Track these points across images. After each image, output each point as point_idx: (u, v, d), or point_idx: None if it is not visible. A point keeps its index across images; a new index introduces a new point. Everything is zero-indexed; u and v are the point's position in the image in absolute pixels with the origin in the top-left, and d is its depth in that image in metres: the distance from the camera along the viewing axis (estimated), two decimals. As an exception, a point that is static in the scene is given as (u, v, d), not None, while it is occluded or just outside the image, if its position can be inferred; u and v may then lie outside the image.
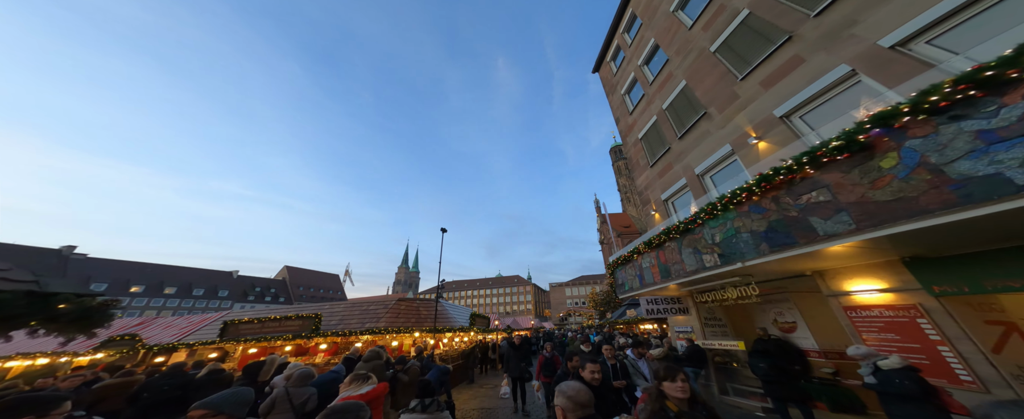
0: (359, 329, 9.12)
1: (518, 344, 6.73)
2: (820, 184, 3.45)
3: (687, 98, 7.72)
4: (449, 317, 11.53)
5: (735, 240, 4.61)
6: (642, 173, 9.90)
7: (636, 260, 7.69)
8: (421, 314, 10.50)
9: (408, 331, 9.43)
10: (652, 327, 16.24)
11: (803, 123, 4.88)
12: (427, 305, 11.09)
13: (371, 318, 9.71)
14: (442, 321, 10.78)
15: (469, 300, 78.63)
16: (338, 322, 9.72)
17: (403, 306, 10.55)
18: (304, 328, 9.13)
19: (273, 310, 10.50)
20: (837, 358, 5.26)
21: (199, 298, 50.15)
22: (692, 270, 5.63)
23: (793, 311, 6.06)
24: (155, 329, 10.92)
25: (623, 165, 50.99)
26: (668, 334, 13.28)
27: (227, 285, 55.29)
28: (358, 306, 10.50)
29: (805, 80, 4.79)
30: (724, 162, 6.38)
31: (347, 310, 10.31)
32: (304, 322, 9.26)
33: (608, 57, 13.51)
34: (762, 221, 4.12)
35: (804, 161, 3.50)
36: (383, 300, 10.90)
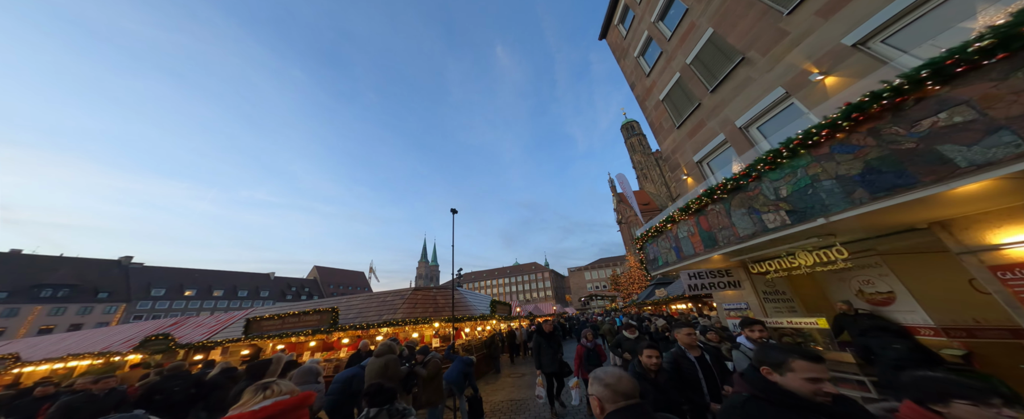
0: (377, 321, 8.93)
1: (549, 331, 5.69)
2: (953, 101, 2.52)
3: (717, 47, 6.65)
4: (468, 305, 11.16)
5: (811, 191, 3.73)
6: (667, 137, 8.90)
7: (670, 230, 6.83)
8: (439, 303, 10.18)
9: (426, 322, 9.14)
10: (686, 306, 15.31)
11: (887, 47, 3.85)
12: (445, 294, 10.73)
13: (388, 310, 9.48)
14: (461, 310, 10.38)
15: (488, 290, 79.28)
16: (356, 315, 9.53)
17: (420, 296, 10.23)
18: (322, 322, 9.03)
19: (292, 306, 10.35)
20: (964, 336, 4.26)
21: (245, 299, 53.62)
22: (748, 234, 4.76)
23: (888, 278, 4.95)
24: (187, 328, 11.09)
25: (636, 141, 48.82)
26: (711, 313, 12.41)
27: (267, 286, 58.91)
28: (375, 298, 10.33)
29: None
30: (776, 108, 5.37)
31: (365, 303, 10.14)
32: (322, 316, 9.13)
33: (615, 20, 12.29)
34: (855, 162, 3.22)
35: (922, 77, 2.57)
36: (400, 292, 10.61)
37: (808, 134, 3.58)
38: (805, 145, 3.69)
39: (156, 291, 45.44)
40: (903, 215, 3.47)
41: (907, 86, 2.68)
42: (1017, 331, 4.17)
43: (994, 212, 3.06)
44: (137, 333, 11.22)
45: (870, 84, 3.22)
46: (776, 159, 4.10)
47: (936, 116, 2.62)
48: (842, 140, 3.34)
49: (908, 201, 2.90)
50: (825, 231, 4.12)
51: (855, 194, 3.24)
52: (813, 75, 4.53)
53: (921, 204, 3.10)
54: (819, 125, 3.44)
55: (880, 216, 3.51)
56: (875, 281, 5.14)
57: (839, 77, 4.26)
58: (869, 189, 3.10)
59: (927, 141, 2.68)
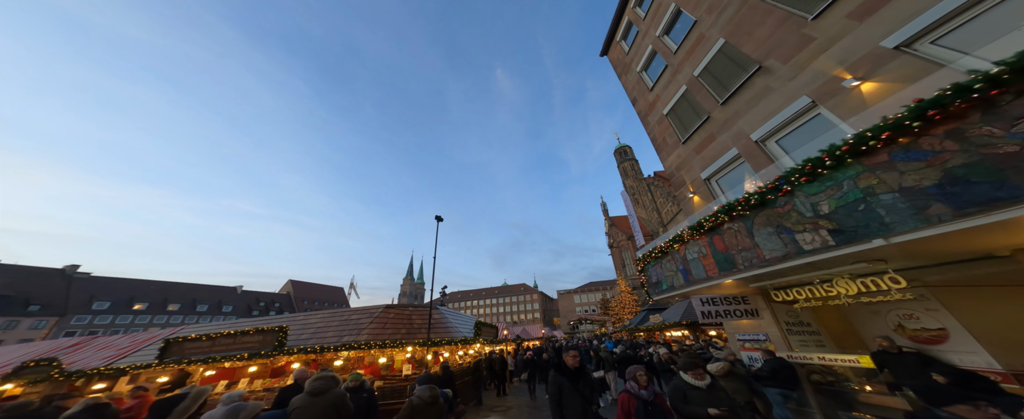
0: (336, 343, 7.62)
1: (575, 368, 3.55)
2: None
3: (729, 57, 6.35)
4: (449, 326, 9.96)
5: (863, 207, 3.14)
6: (671, 153, 8.47)
7: (677, 251, 6.17)
8: (414, 324, 9.01)
9: (398, 345, 7.90)
10: (682, 333, 14.46)
11: (939, 48, 3.44)
12: (422, 314, 9.59)
13: (351, 330, 8.20)
14: (440, 331, 9.20)
15: (475, 310, 76.34)
16: (311, 336, 8.17)
17: (392, 315, 9.01)
18: (265, 345, 7.63)
19: (228, 325, 9.01)
20: None
21: (204, 314, 48.98)
22: (777, 257, 4.12)
23: (938, 313, 4.33)
24: (87, 351, 9.33)
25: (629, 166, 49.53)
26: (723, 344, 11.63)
27: (232, 300, 53.99)
28: (338, 317, 9.05)
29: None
30: (800, 119, 4.95)
31: (324, 322, 8.87)
32: (265, 337, 7.73)
33: (618, 37, 12.30)
34: (928, 170, 2.65)
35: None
36: (370, 309, 9.40)
37: (861, 139, 3.04)
38: (855, 152, 3.14)
39: (99, 304, 40.88)
40: (984, 239, 2.89)
41: (1007, 75, 2.14)
42: None
43: None
44: (18, 357, 9.24)
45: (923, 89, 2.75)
46: (816, 169, 3.55)
47: (1055, 110, 2.06)
48: (906, 145, 2.80)
49: (1003, 220, 2.32)
50: (875, 256, 3.52)
51: (930, 210, 2.64)
52: (846, 81, 4.12)
53: (1013, 226, 2.53)
54: (877, 127, 2.90)
55: (954, 239, 2.92)
56: (921, 316, 4.51)
57: (879, 83, 3.84)
58: (953, 204, 2.51)
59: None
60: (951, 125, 2.51)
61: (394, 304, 9.65)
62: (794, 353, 4.95)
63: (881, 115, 2.94)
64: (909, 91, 3.46)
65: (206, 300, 51.00)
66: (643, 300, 35.57)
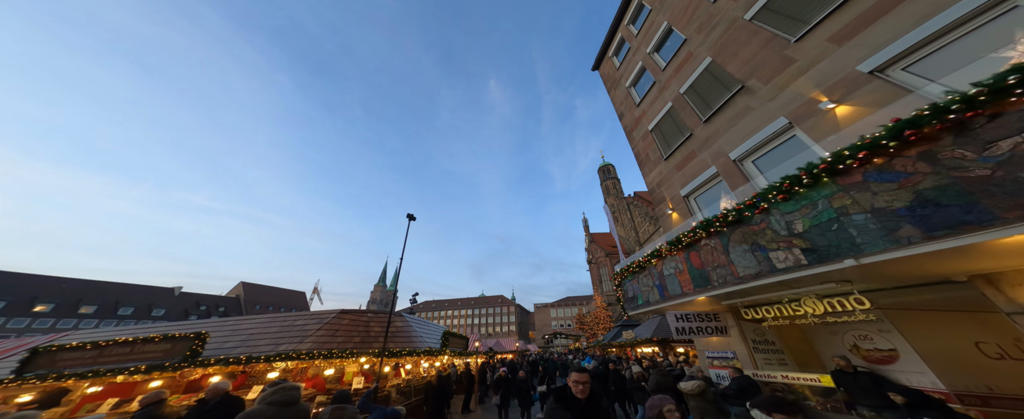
0: (271, 353, 6.64)
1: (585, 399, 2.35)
2: None
3: (714, 76, 6.54)
4: (412, 336, 9.22)
5: (836, 226, 3.14)
6: (653, 169, 8.57)
7: (655, 266, 6.12)
8: (373, 332, 8.32)
9: (348, 355, 7.10)
10: (652, 350, 14.49)
11: (910, 75, 3.59)
12: (382, 320, 8.93)
13: (293, 338, 7.27)
14: (402, 341, 8.52)
15: (448, 320, 74.22)
16: (240, 344, 7.08)
17: (347, 321, 8.22)
18: (173, 354, 6.34)
19: (123, 331, 7.69)
20: (978, 403, 3.74)
21: (125, 318, 41.88)
22: (750, 274, 4.10)
23: (891, 335, 4.56)
24: None
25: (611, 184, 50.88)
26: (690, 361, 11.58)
27: (166, 303, 46.65)
28: (277, 322, 8.03)
29: (911, 23, 3.58)
30: (776, 140, 5.07)
31: (260, 328, 7.82)
32: (175, 345, 6.43)
33: (610, 52, 12.60)
34: (900, 192, 2.67)
35: (1009, 85, 2.09)
36: (321, 314, 8.58)
37: (839, 157, 3.05)
38: (832, 171, 3.16)
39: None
40: (944, 264, 2.94)
41: (984, 97, 2.16)
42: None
43: None
44: None
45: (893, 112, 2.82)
46: (793, 187, 3.56)
47: (1020, 136, 2.09)
48: (881, 165, 2.82)
49: (968, 244, 2.33)
50: (843, 277, 3.54)
51: (900, 232, 2.64)
52: (822, 104, 4.26)
53: (971, 252, 2.56)
54: (855, 146, 2.91)
55: (916, 263, 2.95)
56: (874, 337, 4.73)
57: (853, 106, 3.99)
58: (922, 226, 2.50)
59: (1008, 167, 2.14)
60: (924, 147, 2.53)
61: (350, 309, 8.87)
62: (759, 371, 4.96)
63: (853, 137, 2.99)
64: (878, 115, 3.59)
65: (133, 302, 43.77)
66: (617, 316, 35.87)
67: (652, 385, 5.69)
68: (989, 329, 4.11)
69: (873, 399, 3.96)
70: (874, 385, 4.03)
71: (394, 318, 9.08)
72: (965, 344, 4.12)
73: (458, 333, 13.51)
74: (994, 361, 4.01)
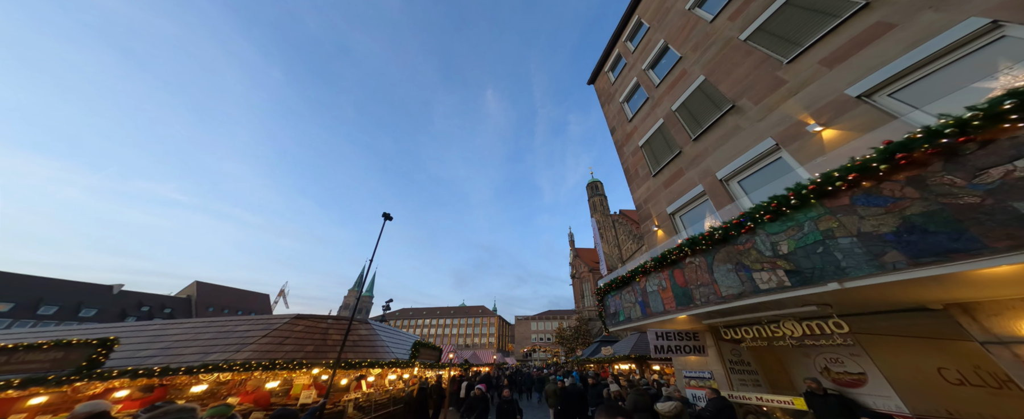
0: (196, 363, 5.68)
1: None
2: None
3: (706, 94, 6.64)
4: (377, 345, 8.39)
5: (821, 249, 3.08)
6: (642, 185, 8.58)
7: (638, 282, 6.00)
8: (331, 340, 7.60)
9: (297, 366, 6.24)
10: (629, 367, 14.30)
11: (895, 101, 3.66)
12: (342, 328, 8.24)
13: (229, 346, 6.36)
14: (365, 351, 7.82)
15: (427, 330, 71.97)
16: (156, 353, 6.04)
17: (301, 327, 7.46)
18: (65, 364, 5.13)
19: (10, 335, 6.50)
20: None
21: (46, 318, 35.68)
22: (733, 294, 4.02)
23: (861, 358, 4.59)
24: None
25: (598, 201, 51.59)
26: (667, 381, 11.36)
27: (99, 302, 39.85)
28: (213, 327, 7.08)
29: (901, 48, 3.67)
30: (763, 161, 5.10)
31: (189, 333, 6.84)
32: (69, 353, 5.21)
33: (606, 67, 12.82)
34: (887, 217, 2.62)
35: (1003, 110, 2.07)
36: (271, 319, 7.72)
37: (828, 179, 3.01)
38: (820, 192, 3.11)
39: None
40: (923, 291, 2.89)
41: (978, 122, 2.13)
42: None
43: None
44: None
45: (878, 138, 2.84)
46: (780, 208, 3.50)
47: (1011, 164, 2.06)
48: (869, 189, 2.78)
49: (952, 273, 2.27)
50: (823, 300, 3.47)
51: (886, 257, 2.58)
52: (810, 126, 4.30)
53: (952, 281, 2.52)
54: (845, 168, 2.87)
55: (896, 290, 2.90)
56: (845, 360, 4.76)
57: (839, 130, 4.04)
58: (908, 252, 2.44)
59: (998, 196, 2.09)
60: (914, 172, 2.50)
61: (307, 314, 8.10)
62: (734, 392, 4.86)
63: (837, 162, 2.98)
64: (863, 140, 3.62)
65: (58, 300, 37.41)
66: (596, 331, 35.69)
67: (630, 404, 5.47)
68: (951, 356, 4.23)
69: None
70: (843, 408, 4.07)
71: (359, 326, 8.40)
72: (928, 370, 4.23)
73: (431, 343, 12.82)
74: (954, 386, 4.11)
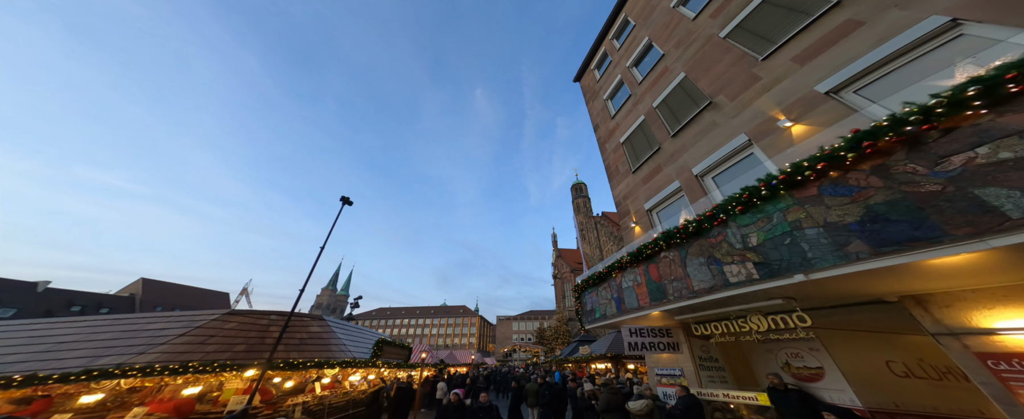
0: (79, 369, 4.57)
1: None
2: (999, 131, 2.01)
3: (685, 91, 6.69)
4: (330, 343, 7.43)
5: (788, 241, 3.08)
6: (621, 181, 8.60)
7: (615, 278, 5.96)
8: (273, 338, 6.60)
9: (218, 369, 5.24)
10: (605, 366, 14.41)
11: (859, 97, 3.74)
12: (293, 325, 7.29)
13: (132, 347, 5.28)
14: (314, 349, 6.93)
15: (406, 329, 70.34)
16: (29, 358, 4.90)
17: (232, 325, 6.47)
18: None
19: None
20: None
21: None
22: (704, 288, 4.00)
23: (819, 353, 4.70)
24: None
25: (582, 203, 52.28)
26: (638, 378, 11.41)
27: (20, 301, 32.35)
28: (117, 325, 5.96)
29: (868, 45, 3.75)
30: (736, 157, 5.16)
31: (83, 333, 5.56)
32: None
33: (592, 65, 12.87)
34: (852, 207, 2.62)
35: (966, 97, 2.06)
36: (190, 316, 6.68)
37: (798, 169, 2.99)
38: (790, 183, 3.10)
39: None
40: (879, 283, 2.92)
41: (941, 109, 2.13)
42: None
43: (986, 290, 2.57)
44: None
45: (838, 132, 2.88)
46: (751, 199, 3.49)
47: (973, 151, 2.06)
48: (836, 179, 2.77)
49: (909, 263, 2.27)
50: (787, 293, 3.49)
51: (850, 247, 2.56)
52: (780, 121, 4.36)
53: (907, 273, 2.53)
54: (814, 157, 2.86)
55: (860, 281, 2.91)
56: (805, 355, 4.85)
57: (807, 125, 4.13)
58: (871, 241, 2.43)
59: (959, 183, 2.09)
60: (879, 160, 2.49)
61: (243, 310, 7.22)
62: (703, 390, 4.89)
63: (805, 154, 2.99)
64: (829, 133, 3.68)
65: None
66: (576, 331, 36.11)
67: (602, 404, 5.40)
68: (898, 349, 4.45)
69: (802, 417, 3.99)
70: (802, 403, 4.09)
71: (310, 322, 7.70)
72: (878, 363, 4.42)
73: (400, 342, 12.11)
74: (900, 379, 4.31)
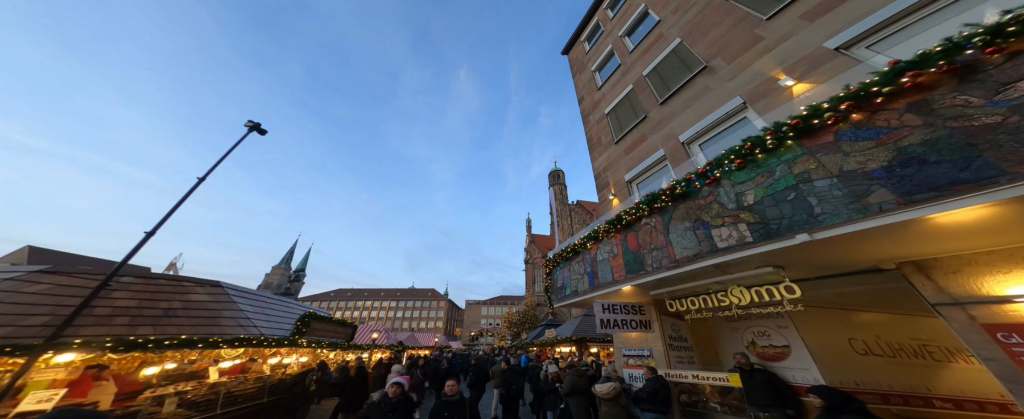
0: None
1: None
2: None
3: (679, 57, 6.27)
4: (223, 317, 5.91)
5: (792, 196, 2.69)
6: (603, 153, 8.17)
7: (589, 251, 5.53)
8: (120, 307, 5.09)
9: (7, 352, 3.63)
10: (570, 349, 14.49)
11: (872, 53, 3.43)
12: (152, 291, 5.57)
13: None
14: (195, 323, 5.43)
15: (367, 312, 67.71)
16: None
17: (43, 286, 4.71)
18: None
19: None
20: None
21: None
22: (687, 256, 3.62)
23: (787, 331, 4.55)
24: None
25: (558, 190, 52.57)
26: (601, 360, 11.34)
27: None
28: None
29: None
30: (728, 121, 4.83)
31: None
32: None
33: (583, 37, 12.20)
34: (877, 151, 2.24)
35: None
36: None
37: (814, 112, 2.56)
38: (803, 129, 2.68)
39: None
40: (875, 248, 2.62)
41: (1014, 27, 1.70)
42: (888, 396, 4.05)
43: (1003, 252, 2.31)
44: None
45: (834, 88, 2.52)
46: (753, 151, 3.06)
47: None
48: (858, 122, 2.36)
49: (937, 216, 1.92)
50: (777, 261, 3.17)
51: (870, 197, 2.18)
52: (782, 80, 4.01)
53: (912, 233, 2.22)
54: (837, 98, 2.44)
55: (859, 245, 2.59)
56: (772, 333, 4.69)
57: (812, 83, 3.80)
58: (900, 189, 2.04)
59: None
60: (918, 96, 2.09)
61: (56, 268, 5.07)
62: (671, 371, 4.61)
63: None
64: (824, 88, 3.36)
65: None
66: (543, 316, 36.79)
67: (567, 387, 4.99)
68: (858, 326, 4.53)
69: (764, 399, 3.85)
70: (767, 384, 3.95)
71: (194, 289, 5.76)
72: (841, 341, 4.42)
73: (338, 319, 10.24)
74: (861, 356, 4.32)
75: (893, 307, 4.40)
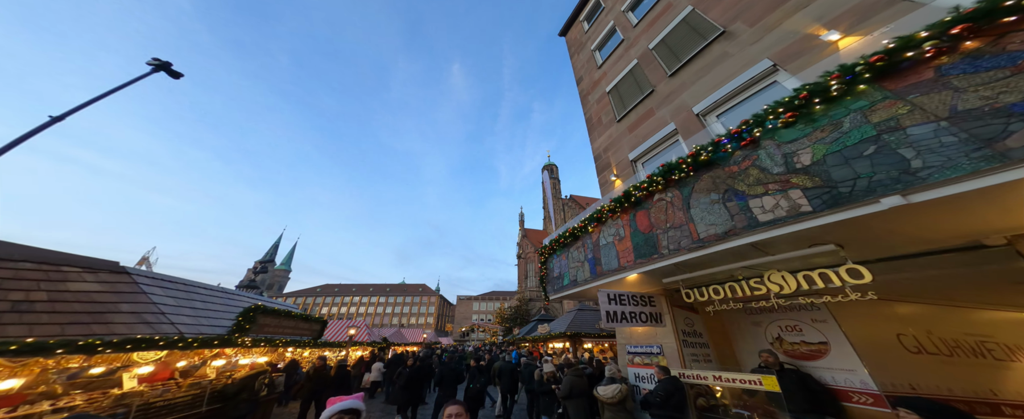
0: None
1: None
2: None
3: (690, 25, 5.67)
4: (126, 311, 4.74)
5: (873, 149, 2.13)
6: (603, 133, 7.57)
7: (590, 235, 4.89)
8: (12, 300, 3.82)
9: None
10: (563, 346, 13.92)
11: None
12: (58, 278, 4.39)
13: None
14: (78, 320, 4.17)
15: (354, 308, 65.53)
16: None
17: None
18: None
19: None
20: None
21: None
22: (715, 234, 3.01)
23: (825, 325, 3.94)
24: None
25: (553, 184, 52.23)
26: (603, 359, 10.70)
27: None
28: None
29: None
30: (754, 86, 4.26)
31: None
32: None
33: (581, 17, 11.53)
34: (1014, 80, 1.66)
35: None
36: None
37: (907, 43, 1.95)
38: (885, 70, 2.07)
39: None
40: (999, 214, 2.03)
41: None
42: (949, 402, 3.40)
43: None
44: None
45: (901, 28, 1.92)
46: (811, 101, 2.44)
47: None
48: (977, 50, 1.76)
49: None
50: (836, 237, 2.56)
51: (1009, 140, 1.56)
52: (825, 35, 3.43)
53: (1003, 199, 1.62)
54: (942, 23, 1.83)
55: (969, 209, 2.01)
56: (805, 328, 4.09)
57: (863, 35, 3.23)
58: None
59: None
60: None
61: None
62: (687, 371, 3.97)
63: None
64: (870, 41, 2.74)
65: None
66: (535, 311, 36.36)
67: (565, 389, 4.34)
68: (904, 320, 3.92)
69: (799, 403, 3.29)
70: (800, 386, 3.36)
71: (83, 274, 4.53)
72: (889, 336, 3.79)
73: (300, 313, 8.68)
74: (914, 355, 3.72)
75: (935, 297, 3.87)
